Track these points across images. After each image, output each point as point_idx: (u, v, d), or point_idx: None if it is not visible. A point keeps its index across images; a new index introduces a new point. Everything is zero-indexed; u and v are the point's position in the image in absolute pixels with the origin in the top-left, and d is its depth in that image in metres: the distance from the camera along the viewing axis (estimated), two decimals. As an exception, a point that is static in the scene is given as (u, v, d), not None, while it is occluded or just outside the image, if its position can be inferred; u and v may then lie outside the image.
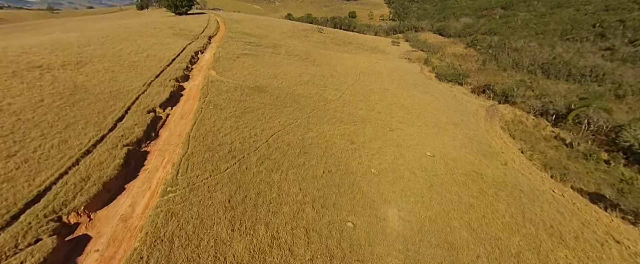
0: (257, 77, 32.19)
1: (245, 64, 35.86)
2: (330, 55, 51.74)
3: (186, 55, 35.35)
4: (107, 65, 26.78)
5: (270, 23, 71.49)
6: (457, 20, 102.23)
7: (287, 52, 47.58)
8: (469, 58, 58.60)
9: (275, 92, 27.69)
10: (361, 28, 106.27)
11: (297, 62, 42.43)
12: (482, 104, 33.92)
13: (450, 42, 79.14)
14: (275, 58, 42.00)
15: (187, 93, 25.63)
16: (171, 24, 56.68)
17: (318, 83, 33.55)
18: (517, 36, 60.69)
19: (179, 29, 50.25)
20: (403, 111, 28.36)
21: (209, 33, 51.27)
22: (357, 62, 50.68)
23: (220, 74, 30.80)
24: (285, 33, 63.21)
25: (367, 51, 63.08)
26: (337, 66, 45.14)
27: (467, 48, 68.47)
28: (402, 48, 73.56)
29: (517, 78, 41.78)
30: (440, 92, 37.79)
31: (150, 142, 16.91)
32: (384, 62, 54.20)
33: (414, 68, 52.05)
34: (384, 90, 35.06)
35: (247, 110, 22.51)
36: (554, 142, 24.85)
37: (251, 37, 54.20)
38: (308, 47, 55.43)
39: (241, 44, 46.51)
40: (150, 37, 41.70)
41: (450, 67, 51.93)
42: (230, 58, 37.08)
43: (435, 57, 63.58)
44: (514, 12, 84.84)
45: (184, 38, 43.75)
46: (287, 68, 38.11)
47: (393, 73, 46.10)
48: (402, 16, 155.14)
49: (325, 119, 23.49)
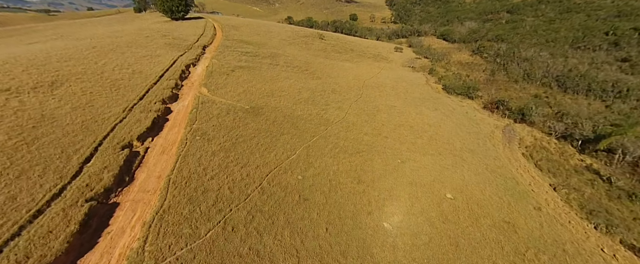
0: (253, 94, 29.60)
1: (240, 79, 33.27)
2: (331, 65, 49.18)
3: (176, 69, 32.77)
4: (86, 85, 24.19)
5: (269, 29, 69.00)
6: (462, 25, 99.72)
7: (286, 62, 45.02)
8: (475, 67, 56.04)
9: (271, 114, 25.09)
10: (363, 32, 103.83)
11: (297, 75, 39.86)
12: (497, 124, 31.34)
13: (455, 49, 76.61)
14: (273, 70, 39.44)
15: (173, 117, 23.04)
16: (165, 31, 54.15)
17: (319, 101, 30.96)
18: (526, 44, 58.12)
19: (172, 37, 47.70)
20: (413, 134, 25.75)
21: (204, 41, 48.73)
22: (360, 72, 48.12)
23: (213, 92, 28.21)
24: (284, 40, 60.69)
25: (370, 59, 60.53)
26: (339, 78, 42.57)
27: (473, 55, 65.94)
28: (405, 55, 71.05)
29: (531, 92, 39.20)
30: (450, 108, 35.19)
31: (122, 189, 14.30)
32: (388, 72, 51.64)
33: (419, 79, 49.47)
34: (390, 107, 32.47)
35: (239, 140, 19.92)
36: (588, 175, 22.26)
37: (248, 45, 51.66)
38: (308, 56, 52.88)
39: (237, 54, 43.95)
40: (140, 48, 39.13)
41: (457, 77, 49.35)
42: (224, 72, 34.50)
43: (440, 65, 61.04)
44: (521, 16, 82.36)
45: (176, 49, 41.19)
46: (286, 82, 35.53)
47: (398, 85, 43.51)
48: (404, 19, 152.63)
49: (327, 149, 20.89)
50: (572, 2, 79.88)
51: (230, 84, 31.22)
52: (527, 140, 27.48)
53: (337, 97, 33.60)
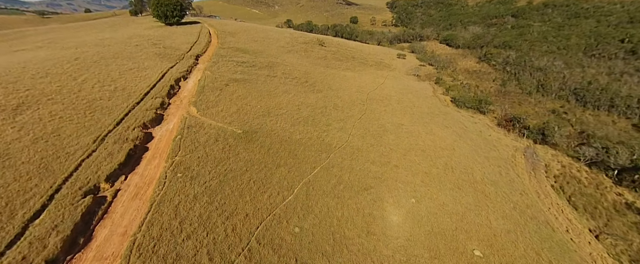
0: (247, 114, 26.84)
1: (235, 95, 30.51)
2: (332, 75, 46.47)
3: (165, 84, 30.01)
4: (56, 108, 21.42)
5: (268, 35, 66.37)
6: (465, 29, 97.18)
7: (285, 73, 42.30)
8: (484, 76, 53.37)
9: (267, 140, 22.32)
10: (363, 36, 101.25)
11: (296, 88, 37.12)
12: (516, 145, 28.64)
13: (460, 55, 74.02)
14: (271, 83, 36.70)
15: (154, 146, 20.26)
16: (157, 38, 51.47)
17: (319, 121, 28.21)
18: (537, 52, 55.49)
19: (163, 46, 44.98)
20: (426, 161, 22.99)
21: (197, 50, 46.01)
22: (363, 83, 45.41)
23: (203, 112, 25.44)
24: (283, 47, 58.01)
25: (373, 67, 57.87)
26: (341, 90, 39.85)
27: (479, 62, 63.32)
28: (409, 62, 68.42)
29: (547, 106, 36.53)
30: (462, 125, 32.47)
31: (72, 257, 11.47)
32: (392, 82, 48.95)
33: (425, 90, 46.77)
34: (398, 125, 29.72)
35: (228, 176, 17.15)
36: (631, 217, 19.50)
37: (245, 54, 48.97)
38: (308, 65, 50.19)
39: (232, 65, 41.23)
40: (127, 59, 36.40)
41: (465, 87, 46.65)
42: (217, 87, 31.74)
43: (446, 74, 58.38)
44: (526, 21, 79.85)
45: (166, 59, 38.45)
46: (284, 98, 32.77)
47: (404, 98, 40.79)
48: (405, 22, 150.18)
49: (329, 185, 18.11)
50: (580, 7, 77.41)
51: (222, 101, 28.45)
52: (553, 166, 24.78)
53: (340, 115, 30.86)
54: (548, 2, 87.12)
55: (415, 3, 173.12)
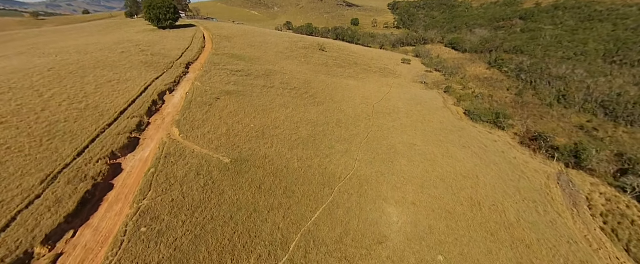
0: (238, 135, 23.31)
1: (225, 111, 26.97)
2: (334, 84, 42.98)
3: (146, 99, 26.48)
4: (7, 134, 17.94)
5: (265, 39, 62.90)
6: (471, 32, 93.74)
7: (283, 82, 38.80)
8: (496, 84, 49.85)
9: (259, 171, 18.79)
10: (365, 39, 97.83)
11: (295, 100, 33.61)
12: (546, 170, 25.13)
13: (468, 59, 70.54)
14: (267, 95, 33.19)
15: (121, 182, 16.70)
16: (146, 44, 48.00)
17: (320, 142, 24.68)
18: (553, 58, 51.95)
19: (151, 53, 41.46)
20: (447, 194, 19.48)
21: (188, 57, 42.50)
22: (367, 92, 41.92)
23: (186, 135, 21.90)
24: (281, 53, 54.53)
25: (376, 74, 54.38)
26: (344, 102, 36.34)
27: (489, 68, 59.81)
28: (414, 68, 64.96)
29: (572, 121, 33.01)
30: (481, 144, 28.95)
31: None
32: (398, 91, 45.47)
33: (435, 100, 43.26)
34: (409, 145, 26.19)
35: (205, 229, 13.63)
36: None
37: (240, 60, 45.49)
38: (308, 72, 46.71)
39: (226, 74, 37.72)
40: (109, 68, 32.90)
41: (478, 97, 43.13)
42: (206, 101, 28.20)
43: (455, 81, 54.87)
44: (536, 24, 76.38)
45: (152, 68, 34.95)
46: (281, 113, 29.25)
47: (412, 109, 37.29)
48: (407, 24, 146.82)
49: (333, 238, 14.61)
50: (593, 9, 73.96)
51: (211, 120, 24.91)
52: (596, 200, 21.28)
53: (343, 133, 27.34)
54: (558, 4, 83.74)
55: (417, 4, 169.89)
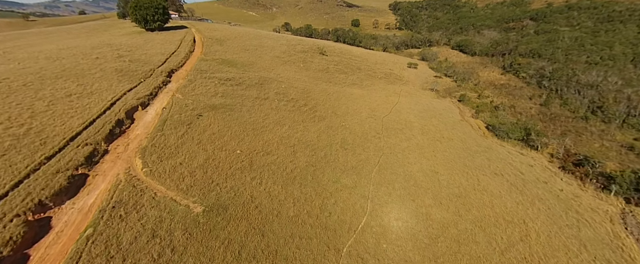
0: (219, 168, 18.51)
1: (206, 134, 22.14)
2: (337, 93, 38.22)
3: (108, 119, 21.63)
4: None
5: (261, 42, 58.15)
6: (479, 33, 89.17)
7: (279, 93, 34.03)
8: (515, 92, 45.14)
9: (240, 226, 14.01)
10: (367, 42, 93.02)
11: (292, 115, 28.82)
12: (606, 209, 20.40)
13: (479, 63, 65.89)
14: (259, 110, 28.40)
15: (38, 256, 11.85)
16: (127, 48, 43.19)
17: (323, 173, 19.90)
18: (577, 62, 47.27)
19: (130, 59, 36.63)
20: (495, 254, 14.72)
21: (173, 64, 37.70)
22: (374, 103, 37.17)
23: (150, 169, 17.07)
24: (278, 58, 49.76)
25: (382, 80, 49.66)
26: (349, 116, 31.58)
27: (504, 74, 55.16)
28: (421, 73, 60.30)
29: (617, 138, 28.31)
30: (515, 170, 24.21)
31: None
32: (408, 100, 40.74)
33: (450, 111, 38.53)
34: (432, 175, 21.45)
35: None
36: None
37: (232, 67, 40.72)
38: (307, 80, 41.96)
39: (214, 84, 32.92)
40: (74, 79, 28.09)
41: (499, 108, 38.39)
42: (184, 121, 23.37)
43: (469, 88, 50.21)
44: (551, 25, 71.80)
45: (127, 78, 30.14)
46: (275, 133, 24.45)
47: (428, 124, 32.55)
48: (409, 25, 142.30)
49: None
50: (611, 10, 69.39)
51: (187, 146, 20.11)
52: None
53: (350, 159, 22.54)
54: (571, 4, 79.21)
55: (420, 5, 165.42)
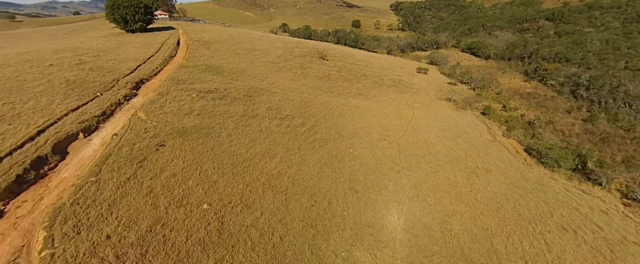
0: (169, 243, 12.33)
1: (162, 179, 15.88)
2: (340, 107, 31.98)
3: (22, 157, 15.35)
4: None
5: (254, 45, 51.90)
6: (490, 35, 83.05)
7: (271, 109, 27.78)
8: (548, 104, 38.99)
9: None
10: (370, 44, 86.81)
11: (285, 141, 22.55)
12: None
13: (495, 68, 59.76)
14: (245, 134, 22.13)
15: None
16: (95, 53, 36.86)
17: (325, 240, 13.77)
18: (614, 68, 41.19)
19: (90, 68, 30.29)
20: None
21: (145, 72, 31.40)
22: (385, 119, 30.97)
23: (52, 258, 10.83)
24: (272, 63, 43.50)
25: (391, 89, 43.46)
26: (357, 139, 25.34)
27: (528, 80, 49.03)
28: (433, 79, 54.15)
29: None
30: (591, 225, 18.07)
31: None
32: (424, 114, 34.54)
33: (476, 128, 32.35)
34: (482, 234, 15.27)
35: None
36: None
37: (217, 75, 34.44)
38: (305, 90, 35.72)
39: (190, 98, 26.64)
40: (4, 94, 21.75)
41: (535, 124, 32.25)
42: (137, 156, 17.09)
43: (491, 97, 44.08)
44: (572, 26, 65.78)
45: (77, 92, 23.84)
46: (262, 170, 18.22)
47: (454, 148, 26.35)
48: (412, 26, 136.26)
49: None
50: (638, 9, 63.34)
51: (126, 203, 13.82)
52: None
53: (364, 213, 16.30)
54: (591, 4, 73.25)
55: (423, 5, 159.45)
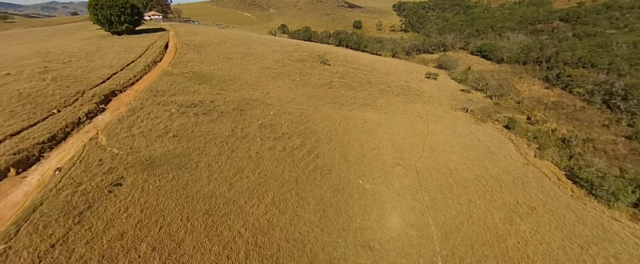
0: None
1: (104, 241, 11.57)
2: (345, 122, 27.62)
3: None
4: None
5: (250, 49, 47.59)
6: (500, 36, 78.72)
7: (264, 126, 23.42)
8: (579, 116, 34.63)
9: None
10: (373, 46, 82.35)
11: (279, 170, 18.22)
12: None
13: (511, 73, 55.42)
14: (228, 165, 17.78)
15: None
16: (65, 58, 32.56)
17: None
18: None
19: (53, 77, 25.97)
20: None
21: (120, 82, 27.09)
22: (398, 136, 26.62)
23: None
24: (269, 69, 39.15)
25: (400, 98, 39.09)
26: (366, 164, 21.00)
27: (550, 87, 44.65)
28: (444, 85, 49.81)
29: None
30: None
31: None
32: (440, 129, 30.18)
33: (504, 147, 27.99)
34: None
35: None
36: None
37: (204, 84, 30.12)
38: (305, 100, 31.36)
39: (168, 115, 22.31)
40: None
41: (572, 143, 27.94)
42: (78, 204, 12.70)
43: (511, 107, 39.73)
44: (591, 28, 61.46)
45: (28, 108, 19.60)
46: (246, 220, 13.94)
47: (484, 175, 21.98)
48: (416, 27, 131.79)
49: None
50: (662, 9, 58.98)
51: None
52: None
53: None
54: (610, 3, 68.91)
55: (426, 5, 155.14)
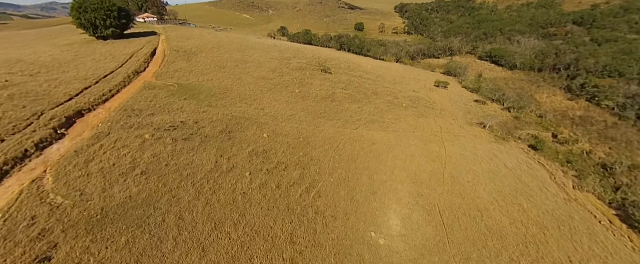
0: None
1: None
2: (350, 145, 23.81)
3: None
4: None
5: (245, 56, 43.79)
6: (510, 40, 75.00)
7: (256, 152, 19.64)
8: (611, 133, 30.86)
9: None
10: (376, 50, 78.41)
11: (269, 224, 14.53)
12: None
13: (526, 81, 51.58)
14: (204, 214, 14.05)
15: None
16: (33, 69, 28.86)
17: None
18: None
19: (10, 94, 22.17)
20: None
21: (91, 98, 23.36)
22: (412, 163, 22.82)
23: None
24: (265, 79, 35.35)
25: (409, 112, 35.28)
26: (376, 202, 17.28)
27: (573, 99, 40.86)
28: (455, 95, 46.04)
29: None
30: None
31: None
32: (460, 152, 26.38)
33: (536, 177, 24.19)
34: None
35: None
36: None
37: (191, 99, 26.33)
38: (304, 116, 27.53)
39: (139, 142, 18.58)
40: None
41: (614, 169, 24.12)
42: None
43: (533, 121, 35.96)
44: (609, 32, 57.70)
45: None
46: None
47: (522, 219, 18.29)
48: (419, 29, 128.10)
49: None
50: (686, 12, 55.18)
51: None
52: None
53: None
54: (628, 6, 65.17)
55: (429, 7, 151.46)
